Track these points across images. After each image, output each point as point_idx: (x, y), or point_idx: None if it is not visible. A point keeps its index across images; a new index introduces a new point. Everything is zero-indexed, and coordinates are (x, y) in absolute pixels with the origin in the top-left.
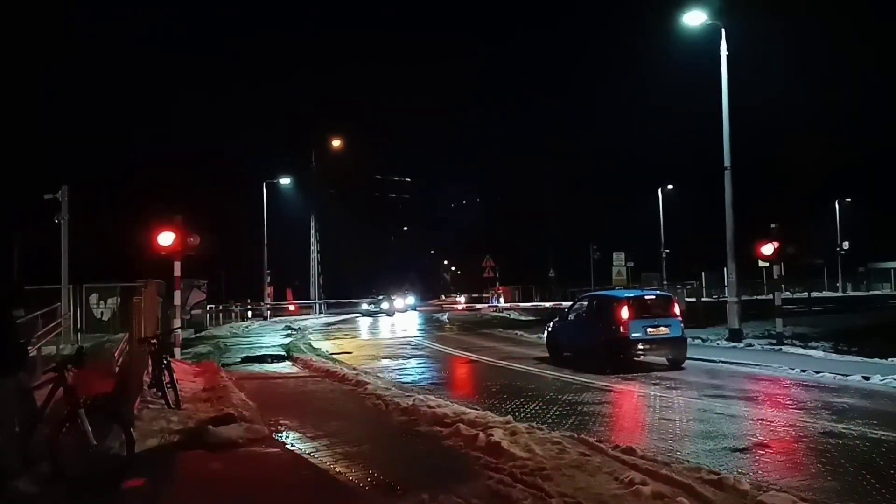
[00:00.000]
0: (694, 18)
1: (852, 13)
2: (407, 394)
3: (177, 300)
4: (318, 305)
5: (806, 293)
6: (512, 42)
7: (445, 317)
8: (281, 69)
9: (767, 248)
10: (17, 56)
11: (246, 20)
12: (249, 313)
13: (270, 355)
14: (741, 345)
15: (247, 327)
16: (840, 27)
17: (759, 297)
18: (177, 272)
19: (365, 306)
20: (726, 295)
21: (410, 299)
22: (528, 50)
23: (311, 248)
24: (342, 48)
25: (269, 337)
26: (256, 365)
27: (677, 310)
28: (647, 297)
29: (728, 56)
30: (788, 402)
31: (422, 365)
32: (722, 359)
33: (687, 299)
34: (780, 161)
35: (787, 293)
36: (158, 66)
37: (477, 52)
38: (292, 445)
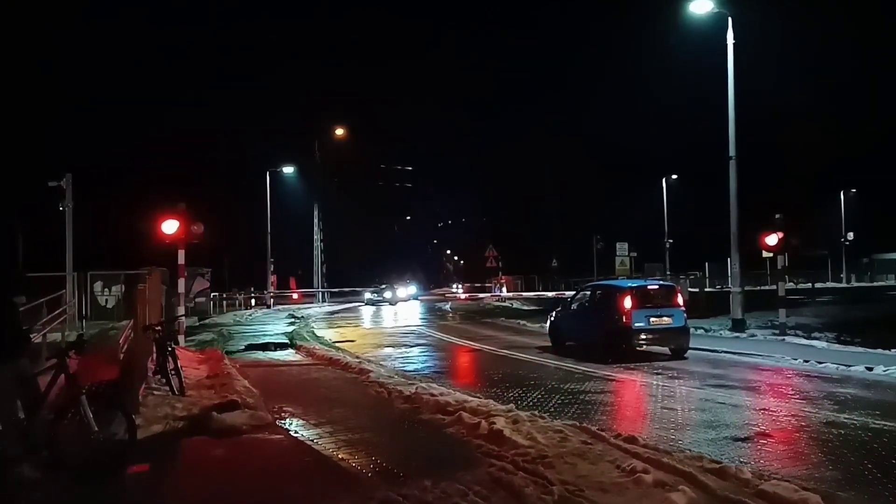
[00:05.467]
0: (700, 6)
1: (860, 1)
2: (409, 382)
3: (181, 288)
4: (321, 294)
5: (809, 284)
6: (516, 30)
7: (448, 306)
8: (284, 58)
9: (771, 239)
10: (23, 44)
11: (250, 10)
12: (253, 301)
13: (274, 343)
14: (744, 335)
15: (250, 315)
16: (847, 16)
17: (762, 288)
18: (181, 260)
19: (368, 295)
20: (729, 285)
21: (413, 288)
22: (533, 38)
23: (315, 236)
24: (345, 38)
25: (273, 325)
26: (260, 353)
27: (680, 300)
28: (650, 287)
29: (735, 45)
30: (791, 392)
31: (424, 353)
32: (724, 349)
33: (690, 289)
34: (784, 151)
35: (791, 284)
36: (163, 56)
37: (480, 40)
38: (296, 432)
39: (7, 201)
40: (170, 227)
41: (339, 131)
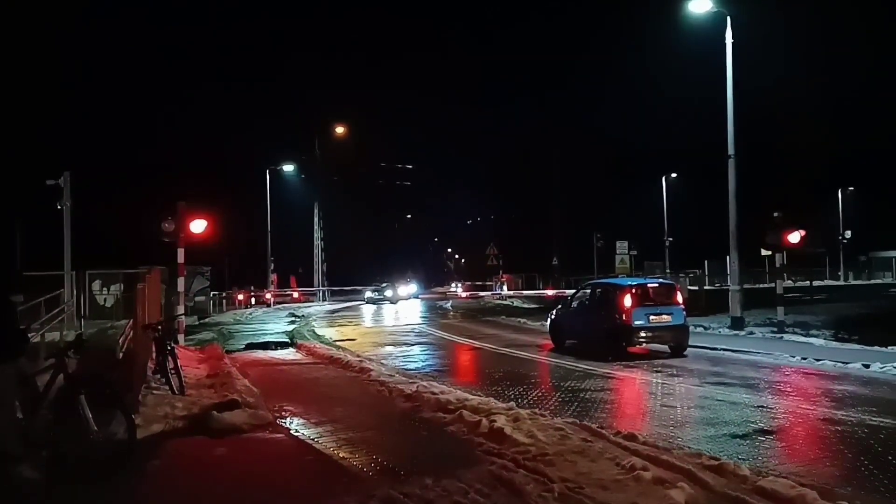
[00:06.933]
0: (699, 6)
1: (858, 1)
2: (410, 380)
3: (180, 287)
4: (321, 293)
5: (807, 282)
6: (518, 28)
7: (449, 304)
8: (285, 58)
9: (794, 237)
10: (23, 43)
11: (250, 10)
12: (253, 300)
13: (274, 342)
14: (743, 333)
15: (250, 314)
16: (846, 15)
17: (761, 286)
18: (180, 259)
19: (368, 294)
20: (729, 283)
21: (413, 287)
22: (534, 36)
23: (315, 235)
24: (346, 36)
25: (273, 324)
26: (260, 351)
27: (680, 298)
28: (649, 285)
29: (733, 44)
30: (789, 390)
31: (425, 352)
32: (723, 346)
33: (689, 287)
34: (783, 149)
35: (789, 282)
36: (162, 55)
37: (482, 38)
38: (296, 431)
39: (5, 200)
40: (169, 225)
41: (340, 130)
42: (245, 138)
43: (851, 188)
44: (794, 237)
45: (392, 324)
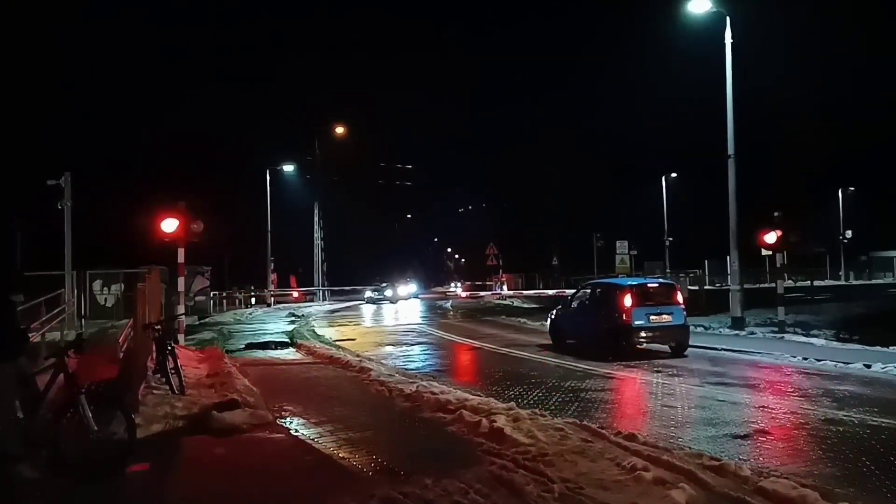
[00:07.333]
0: (699, 6)
1: (857, 1)
2: (410, 380)
3: (180, 286)
4: (321, 292)
5: (808, 282)
6: (518, 28)
7: (449, 304)
8: (284, 58)
9: (770, 237)
10: (23, 43)
11: (250, 10)
12: (253, 300)
13: (274, 342)
14: (743, 332)
15: (250, 314)
16: (845, 15)
17: (761, 286)
18: (180, 258)
19: (368, 293)
20: (729, 283)
21: (413, 287)
22: (534, 36)
23: (315, 234)
24: (346, 36)
25: (273, 324)
26: (260, 351)
27: (680, 298)
28: (649, 285)
29: (733, 44)
30: (790, 390)
31: (425, 352)
32: (724, 346)
33: (690, 287)
34: (783, 149)
35: (790, 281)
36: (162, 55)
37: (482, 38)
38: (296, 431)
39: (6, 200)
40: (169, 225)
41: (340, 130)
42: (245, 138)
43: (852, 188)
44: (794, 236)
45: (392, 324)
